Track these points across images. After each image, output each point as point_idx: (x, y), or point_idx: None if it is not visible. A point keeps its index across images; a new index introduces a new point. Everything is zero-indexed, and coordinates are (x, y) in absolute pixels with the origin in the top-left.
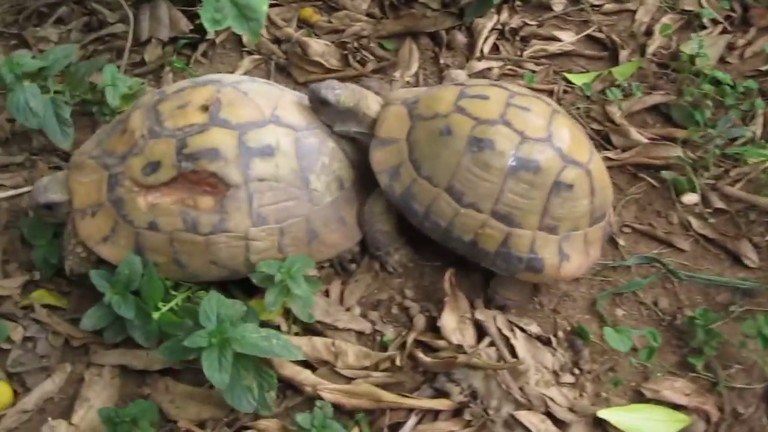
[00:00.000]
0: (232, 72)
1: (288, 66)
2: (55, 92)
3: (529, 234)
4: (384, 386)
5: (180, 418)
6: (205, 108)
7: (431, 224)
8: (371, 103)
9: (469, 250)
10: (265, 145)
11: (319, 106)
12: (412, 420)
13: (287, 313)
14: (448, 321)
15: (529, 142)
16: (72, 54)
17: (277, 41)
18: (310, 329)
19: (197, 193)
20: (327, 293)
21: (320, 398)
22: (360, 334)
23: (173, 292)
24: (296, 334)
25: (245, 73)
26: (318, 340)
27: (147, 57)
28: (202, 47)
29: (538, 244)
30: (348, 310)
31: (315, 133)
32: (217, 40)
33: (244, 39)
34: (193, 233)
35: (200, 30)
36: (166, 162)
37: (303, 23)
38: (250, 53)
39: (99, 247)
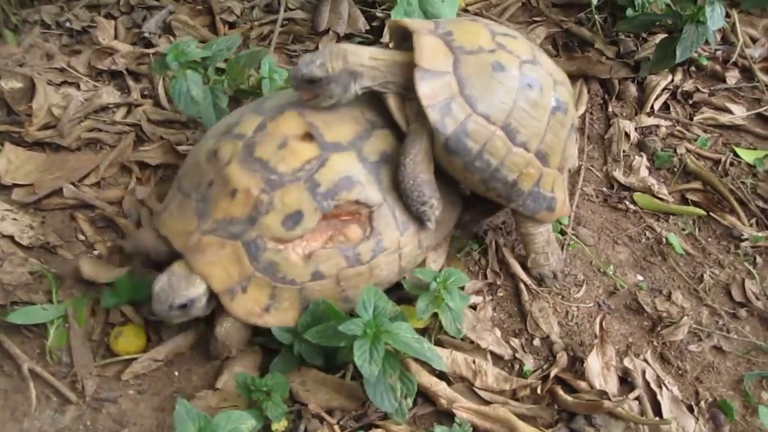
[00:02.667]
0: None
1: None
2: (215, 81)
3: (552, 173)
4: (520, 416)
5: (309, 401)
6: (309, 136)
7: (482, 163)
8: (360, 52)
9: (507, 190)
10: (383, 153)
11: (313, 89)
12: None
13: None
14: (594, 364)
15: (558, 84)
16: (235, 46)
17: None
18: (449, 343)
19: (341, 228)
20: (474, 308)
21: (452, 413)
22: (498, 358)
23: None
24: (436, 344)
25: None
26: (459, 355)
27: (321, 47)
28: None
29: (557, 184)
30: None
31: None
32: (391, 45)
33: None
34: (358, 265)
35: (375, 32)
36: (306, 208)
37: None
38: None
39: (263, 319)
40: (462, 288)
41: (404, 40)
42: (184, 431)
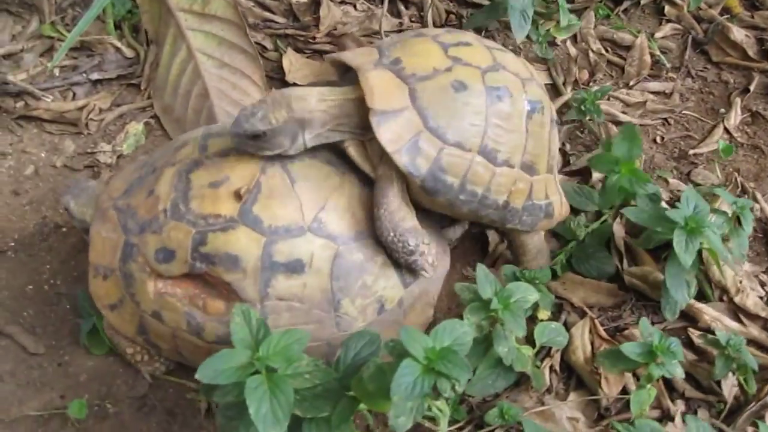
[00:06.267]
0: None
1: (706, 43)
2: None
3: (542, 179)
4: None
5: (568, 297)
6: (238, 196)
7: (467, 195)
8: (305, 97)
9: (500, 214)
10: (295, 260)
11: (257, 144)
12: None
13: None
14: None
15: (528, 83)
16: None
17: (698, 19)
18: None
19: (209, 294)
20: None
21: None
22: None
23: None
24: None
25: (663, 38)
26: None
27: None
28: (626, 4)
29: (549, 188)
30: None
31: (363, 246)
32: (642, 1)
33: (666, 9)
34: (197, 338)
35: None
36: (180, 254)
37: (726, 11)
38: (669, 21)
39: (106, 311)
40: None
41: (347, 71)
42: (483, 291)
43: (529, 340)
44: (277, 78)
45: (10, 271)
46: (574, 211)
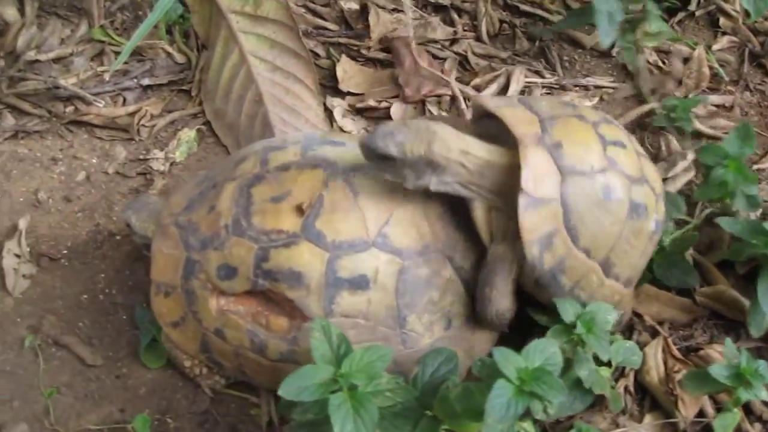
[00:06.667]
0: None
1: (764, 56)
2: None
3: (629, 294)
4: None
5: (642, 312)
6: (301, 211)
7: (570, 296)
8: (449, 142)
9: None
10: (359, 276)
11: (381, 163)
12: None
13: None
14: None
15: (659, 200)
16: None
17: (754, 32)
18: None
19: (273, 311)
20: None
21: None
22: None
23: None
24: None
25: (720, 50)
26: None
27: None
28: (680, 15)
29: (626, 302)
30: None
31: (429, 260)
32: (697, 13)
33: (721, 21)
34: (260, 356)
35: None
36: (242, 271)
37: None
38: (725, 33)
39: (169, 329)
40: None
41: (485, 117)
42: (566, 315)
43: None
44: (329, 86)
45: (64, 280)
46: None
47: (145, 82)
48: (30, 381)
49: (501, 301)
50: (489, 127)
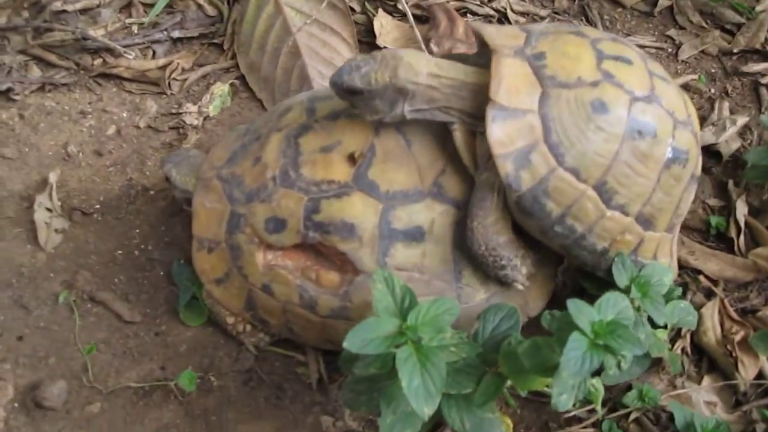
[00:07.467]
0: None
1: None
2: None
3: (657, 237)
4: None
5: (701, 269)
6: (352, 160)
7: (564, 229)
8: (417, 66)
9: (594, 259)
10: (415, 227)
11: (351, 99)
12: None
13: None
14: None
15: (681, 127)
16: None
17: None
18: None
19: (323, 265)
20: None
21: None
22: None
23: None
24: None
25: None
26: None
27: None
28: None
29: (661, 249)
30: None
31: None
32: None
33: None
34: (310, 312)
35: None
36: (292, 223)
37: None
38: None
39: (211, 286)
40: None
41: (483, 47)
42: (620, 280)
43: None
44: (366, 42)
45: (97, 235)
46: None
47: (176, 34)
48: (66, 338)
49: (485, 233)
50: (488, 54)
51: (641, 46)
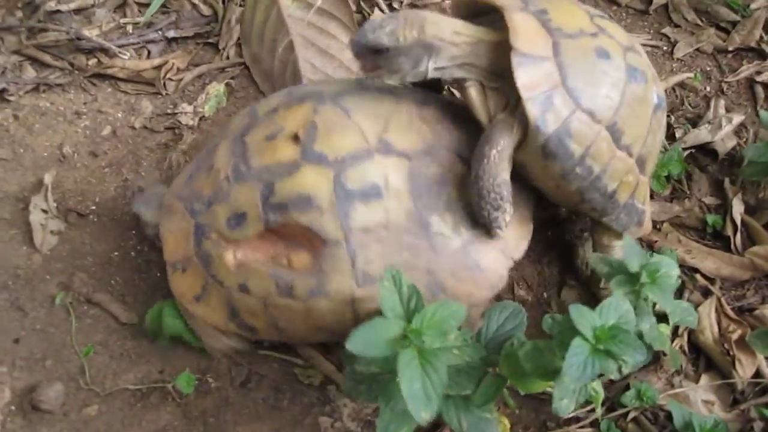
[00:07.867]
0: None
1: None
2: None
3: (645, 181)
4: None
5: (698, 267)
6: (296, 138)
7: (583, 170)
8: (441, 23)
9: (603, 202)
10: (370, 185)
11: (376, 60)
12: None
13: None
14: None
15: (656, 79)
16: None
17: None
18: None
19: (292, 249)
20: None
21: None
22: None
23: None
24: None
25: None
26: None
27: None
28: None
29: (647, 194)
30: None
31: (438, 158)
32: None
33: None
34: (289, 298)
35: None
36: (251, 213)
37: None
38: None
39: (193, 306)
40: None
41: (474, 16)
42: (630, 264)
43: None
44: None
45: (93, 236)
46: None
47: (171, 34)
48: (62, 340)
49: (499, 164)
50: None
51: None
